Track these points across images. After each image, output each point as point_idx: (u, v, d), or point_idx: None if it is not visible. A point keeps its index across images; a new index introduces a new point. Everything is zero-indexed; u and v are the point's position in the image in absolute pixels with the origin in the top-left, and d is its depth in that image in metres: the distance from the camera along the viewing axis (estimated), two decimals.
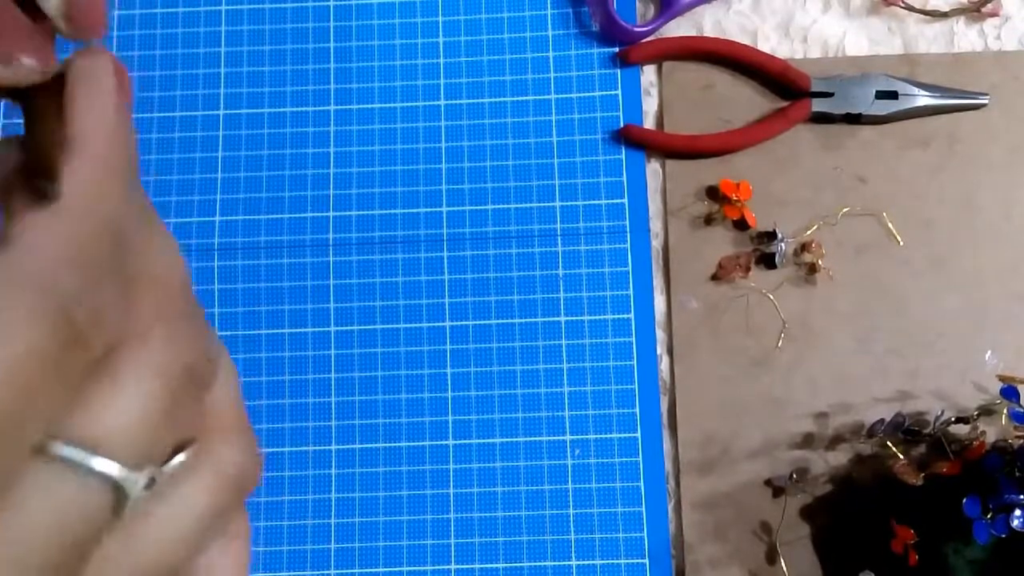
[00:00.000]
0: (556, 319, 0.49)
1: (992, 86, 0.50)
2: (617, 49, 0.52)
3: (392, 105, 0.52)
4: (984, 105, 0.50)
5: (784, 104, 0.51)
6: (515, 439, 0.48)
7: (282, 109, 0.52)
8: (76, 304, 0.16)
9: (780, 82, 0.51)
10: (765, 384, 0.49)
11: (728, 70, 0.52)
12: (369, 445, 0.49)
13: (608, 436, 0.48)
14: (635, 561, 0.47)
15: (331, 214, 0.51)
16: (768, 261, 0.49)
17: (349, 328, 0.50)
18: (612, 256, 0.50)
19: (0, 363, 0.15)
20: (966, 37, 0.52)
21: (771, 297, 0.49)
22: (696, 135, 0.51)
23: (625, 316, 0.49)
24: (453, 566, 0.47)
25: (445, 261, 0.50)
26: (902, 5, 0.52)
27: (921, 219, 0.50)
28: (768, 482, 0.48)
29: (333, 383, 0.49)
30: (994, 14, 0.52)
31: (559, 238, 0.50)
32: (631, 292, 0.50)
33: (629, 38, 0.52)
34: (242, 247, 0.51)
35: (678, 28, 0.53)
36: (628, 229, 0.50)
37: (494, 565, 0.47)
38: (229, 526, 0.20)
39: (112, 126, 0.19)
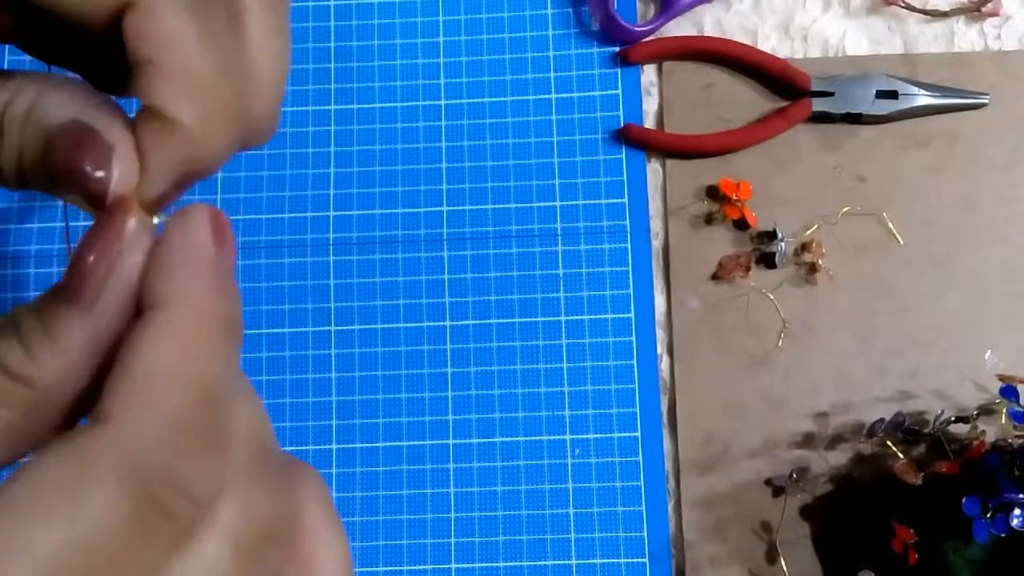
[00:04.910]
0: (556, 318, 0.50)
1: (992, 86, 0.50)
2: (617, 49, 0.52)
3: (392, 104, 0.52)
4: (984, 105, 0.50)
5: (784, 104, 0.51)
6: (515, 438, 0.48)
7: (282, 109, 0.52)
8: (164, 481, 0.16)
9: (780, 82, 0.51)
10: (765, 384, 0.49)
11: (728, 70, 0.52)
12: (369, 444, 0.49)
13: (608, 435, 0.48)
14: (635, 560, 0.47)
15: (332, 213, 0.51)
16: (768, 261, 0.49)
17: (350, 327, 0.50)
18: (612, 255, 0.50)
19: (83, 540, 0.15)
20: (966, 37, 0.52)
21: (771, 297, 0.49)
22: (696, 135, 0.51)
23: (625, 315, 0.49)
24: (453, 565, 0.47)
25: (445, 260, 0.50)
26: (902, 5, 0.52)
27: (921, 219, 0.50)
28: (768, 481, 0.48)
29: (334, 382, 0.49)
30: (994, 14, 0.52)
31: (559, 237, 0.50)
32: (631, 291, 0.50)
33: (629, 38, 0.52)
34: (243, 247, 0.51)
35: (678, 28, 0.53)
36: (628, 229, 0.50)
37: (494, 564, 0.47)
38: None
39: (206, 287, 0.18)
